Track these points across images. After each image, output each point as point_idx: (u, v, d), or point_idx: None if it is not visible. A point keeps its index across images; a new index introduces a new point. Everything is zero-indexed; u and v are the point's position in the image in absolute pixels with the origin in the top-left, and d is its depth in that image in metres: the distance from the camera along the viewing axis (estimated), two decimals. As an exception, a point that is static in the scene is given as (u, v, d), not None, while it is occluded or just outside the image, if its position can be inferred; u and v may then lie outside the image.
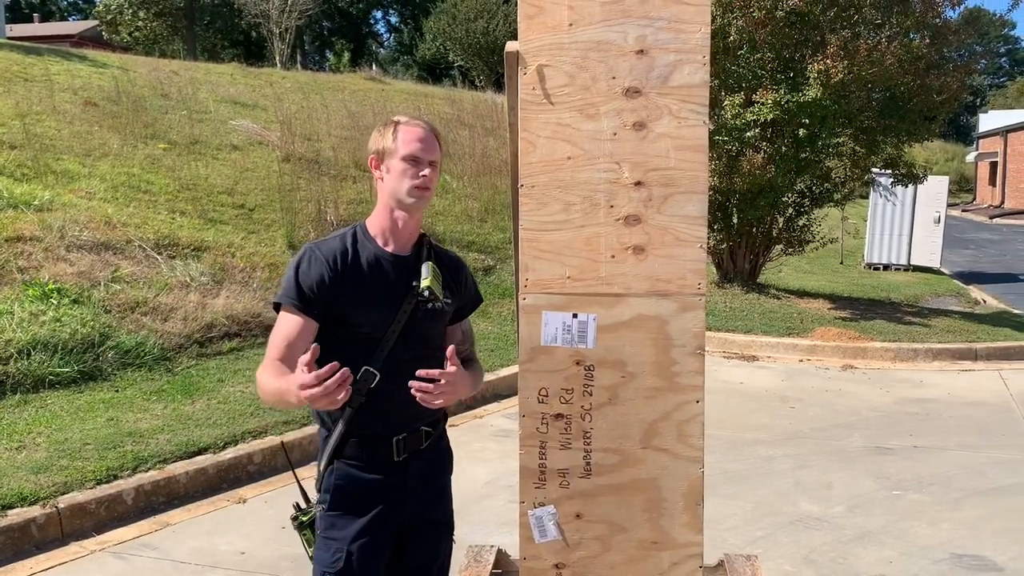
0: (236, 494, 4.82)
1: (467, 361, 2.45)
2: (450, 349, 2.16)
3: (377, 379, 2.16)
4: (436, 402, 2.10)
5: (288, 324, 2.15)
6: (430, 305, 2.27)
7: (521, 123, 2.60)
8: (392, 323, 2.20)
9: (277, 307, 2.21)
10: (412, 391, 2.05)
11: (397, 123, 2.27)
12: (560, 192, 2.59)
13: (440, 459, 2.44)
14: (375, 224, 2.28)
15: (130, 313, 6.77)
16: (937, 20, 10.00)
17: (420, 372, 2.06)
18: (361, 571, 2.21)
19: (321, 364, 2.01)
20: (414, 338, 2.24)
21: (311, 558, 2.29)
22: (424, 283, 2.24)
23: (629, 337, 2.58)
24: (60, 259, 7.14)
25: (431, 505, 2.38)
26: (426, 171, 2.23)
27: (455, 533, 2.64)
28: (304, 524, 2.30)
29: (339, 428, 2.18)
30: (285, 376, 2.04)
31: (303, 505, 2.35)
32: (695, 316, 2.56)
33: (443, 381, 2.08)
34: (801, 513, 4.68)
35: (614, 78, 2.53)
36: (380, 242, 2.26)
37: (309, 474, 2.46)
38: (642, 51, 2.51)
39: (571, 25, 2.53)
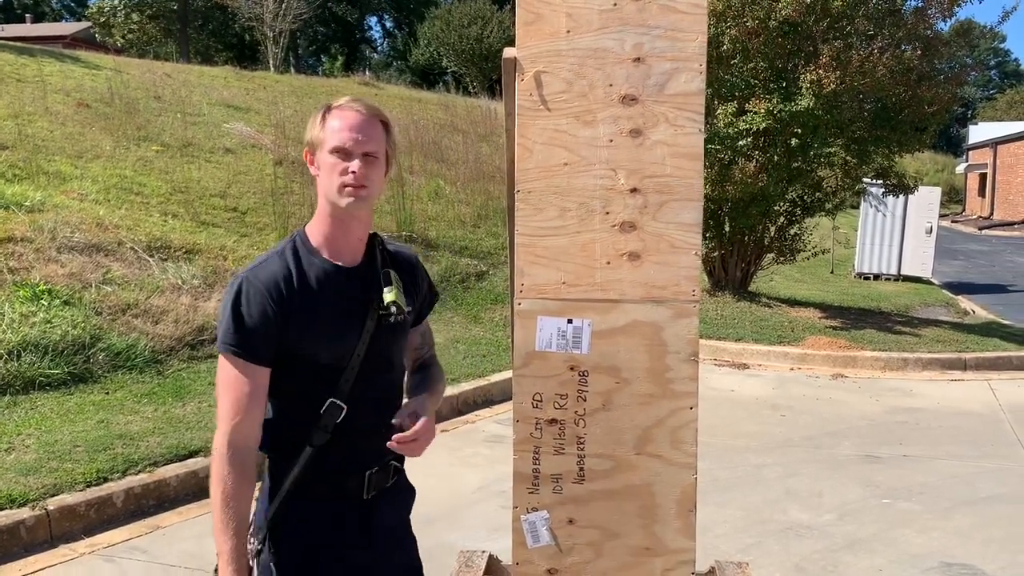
0: (226, 498, 4.80)
1: (426, 365, 2.27)
2: (402, 418, 1.92)
3: (344, 412, 1.87)
4: (420, 451, 1.91)
5: (234, 378, 1.80)
6: (392, 319, 1.96)
7: (518, 129, 2.61)
8: (356, 348, 1.89)
9: (219, 350, 1.85)
10: (394, 446, 1.86)
11: (329, 107, 1.89)
12: (556, 198, 2.60)
13: (404, 497, 2.16)
14: (316, 233, 1.91)
15: (121, 315, 6.75)
16: (928, 32, 10.09)
17: (393, 440, 1.86)
18: None
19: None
20: (379, 359, 1.94)
21: None
22: (388, 298, 1.93)
23: (624, 343, 2.59)
24: (51, 260, 7.11)
25: (399, 547, 2.11)
26: (355, 165, 1.82)
27: (448, 538, 2.63)
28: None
29: (297, 469, 1.86)
30: (231, 529, 1.78)
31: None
32: (689, 323, 2.57)
33: (418, 434, 1.89)
34: (791, 521, 4.69)
35: (611, 85, 2.55)
36: (326, 254, 1.90)
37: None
38: (639, 59, 2.53)
39: (569, 32, 2.54)
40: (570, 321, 2.60)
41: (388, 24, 59.91)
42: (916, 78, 9.79)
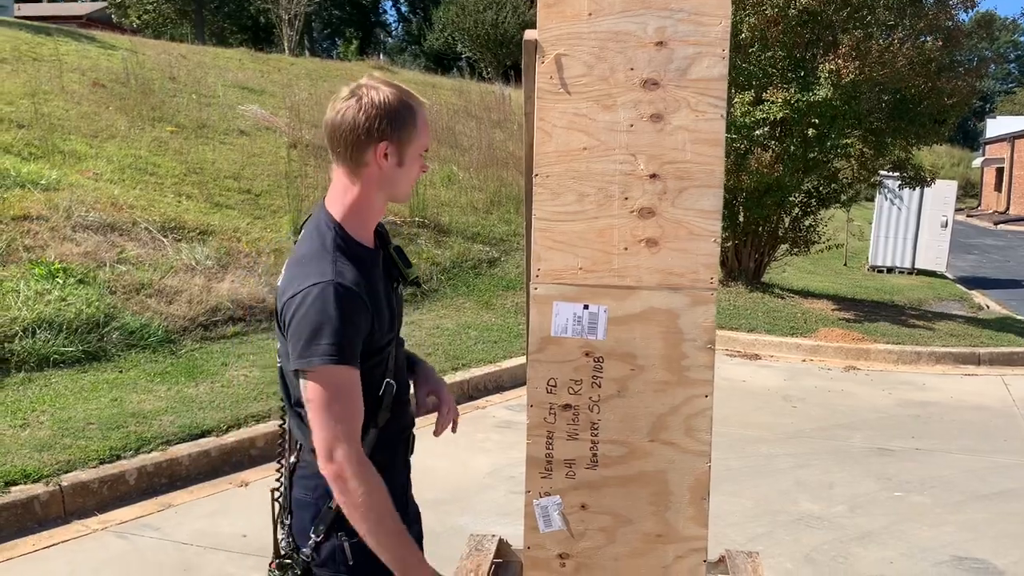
0: (239, 477, 4.83)
1: None
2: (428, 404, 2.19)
3: (395, 387, 1.94)
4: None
5: (348, 387, 1.74)
6: (399, 290, 2.03)
7: (537, 112, 2.59)
8: (393, 323, 1.94)
9: (318, 365, 1.72)
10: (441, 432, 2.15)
11: (416, 105, 1.87)
12: (575, 183, 2.58)
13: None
14: (355, 222, 1.87)
15: (135, 295, 6.78)
16: (950, 22, 9.97)
17: (440, 432, 2.16)
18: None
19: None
20: (399, 329, 2.03)
21: None
22: (412, 273, 2.04)
23: (640, 330, 2.58)
24: (66, 239, 7.14)
25: (411, 499, 2.19)
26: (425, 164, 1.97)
27: (458, 522, 2.66)
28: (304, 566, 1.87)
29: (366, 446, 1.83)
30: (407, 537, 1.78)
31: (278, 557, 1.94)
32: (706, 310, 2.55)
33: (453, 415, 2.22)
34: (802, 512, 4.68)
35: (632, 69, 2.52)
36: (363, 242, 1.89)
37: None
38: (661, 43, 2.50)
39: (591, 15, 2.52)
40: (586, 307, 2.59)
41: (403, 8, 59.74)
42: (936, 69, 9.68)
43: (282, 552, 1.91)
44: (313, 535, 1.83)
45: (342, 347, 1.71)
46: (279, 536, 1.93)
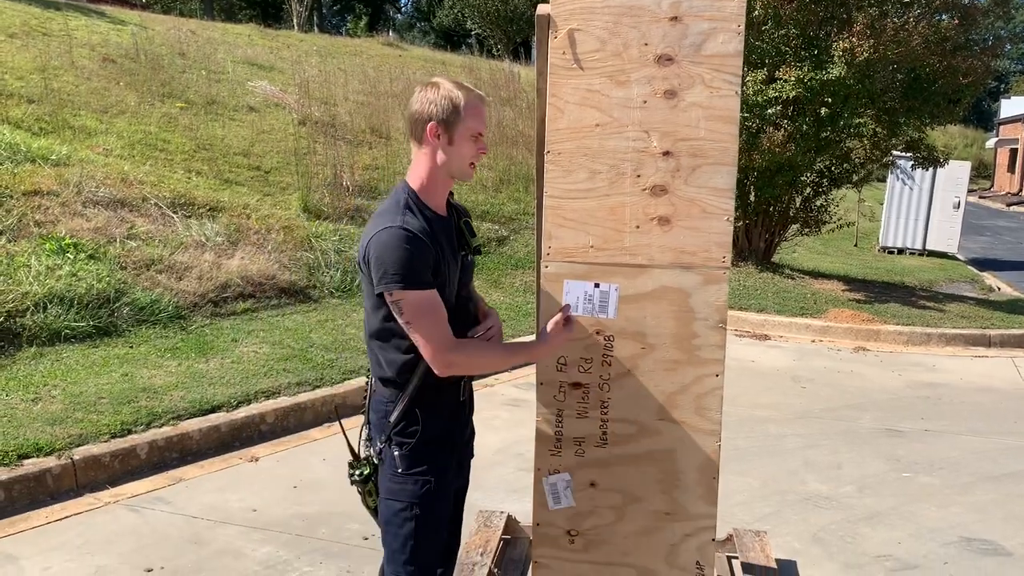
0: (248, 452, 4.86)
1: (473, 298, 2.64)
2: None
3: None
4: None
5: (428, 304, 2.21)
6: (469, 258, 2.45)
7: (550, 88, 2.57)
8: (455, 281, 2.35)
9: (395, 289, 2.20)
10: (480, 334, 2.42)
11: (463, 95, 2.28)
12: (586, 160, 2.57)
13: (472, 402, 2.61)
14: (426, 190, 2.32)
15: (145, 270, 6.79)
16: (966, 1, 9.84)
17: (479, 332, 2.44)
18: (443, 497, 2.40)
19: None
20: (464, 292, 2.43)
21: (371, 508, 2.47)
22: (477, 242, 2.47)
23: (651, 309, 2.57)
24: (77, 214, 7.15)
25: (471, 434, 2.64)
26: (483, 148, 2.34)
27: (468, 499, 2.74)
28: (364, 477, 2.42)
29: (416, 380, 2.30)
30: (512, 344, 2.56)
31: (354, 460, 2.47)
32: (718, 289, 2.54)
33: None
34: (810, 492, 4.68)
35: (646, 44, 2.50)
36: (432, 207, 2.33)
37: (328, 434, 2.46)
38: (676, 18, 2.48)
39: (604, -11, 2.48)
40: (597, 285, 2.57)
41: (413, -16, 59.23)
42: (951, 48, 9.57)
43: (360, 455, 2.46)
44: (379, 442, 2.37)
45: (410, 275, 2.17)
46: (361, 442, 2.48)
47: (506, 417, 5.68)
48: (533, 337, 2.49)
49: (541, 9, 2.54)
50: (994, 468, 5.15)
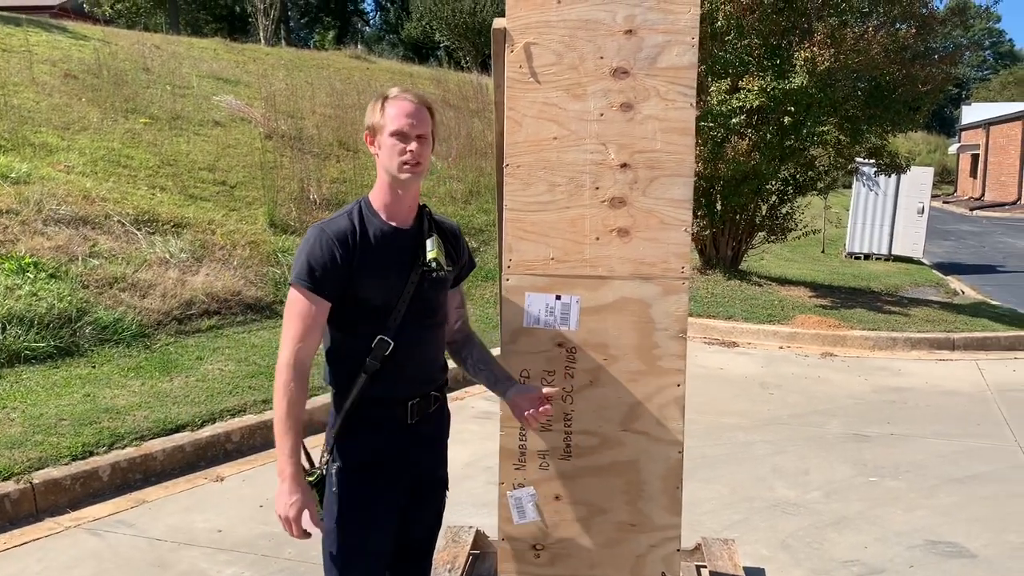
0: (214, 472, 4.79)
1: (468, 335, 2.58)
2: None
3: (391, 347, 2.23)
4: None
5: (303, 307, 2.19)
6: (435, 275, 2.32)
7: (507, 102, 2.58)
8: (402, 294, 2.25)
9: (292, 281, 2.25)
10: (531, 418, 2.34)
11: (386, 97, 2.25)
12: (545, 172, 2.57)
13: (442, 421, 2.50)
14: (377, 199, 2.30)
15: (108, 289, 6.70)
16: (924, 10, 10.02)
17: (537, 413, 2.34)
18: (376, 525, 2.30)
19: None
20: (422, 307, 2.29)
21: (320, 517, 2.35)
22: (430, 255, 2.29)
23: (612, 320, 2.58)
24: (37, 233, 7.04)
25: (435, 464, 2.48)
26: (413, 146, 2.20)
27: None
28: (312, 484, 2.30)
29: (355, 393, 2.24)
30: (293, 429, 2.16)
31: (308, 467, 2.37)
32: (678, 300, 2.56)
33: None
34: (778, 498, 4.71)
35: (602, 58, 2.51)
36: (384, 216, 2.28)
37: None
38: (631, 31, 2.49)
39: (559, 2, 2.50)
40: (558, 297, 2.58)
41: (380, -4, 59.23)
42: (910, 57, 9.74)
43: (314, 462, 2.36)
44: (326, 453, 2.31)
45: (303, 273, 2.18)
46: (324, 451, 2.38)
47: (476, 430, 5.66)
48: (287, 450, 2.17)
49: (497, 23, 2.55)
50: (958, 471, 5.21)
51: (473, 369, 2.51)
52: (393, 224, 2.28)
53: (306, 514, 2.14)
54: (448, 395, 2.58)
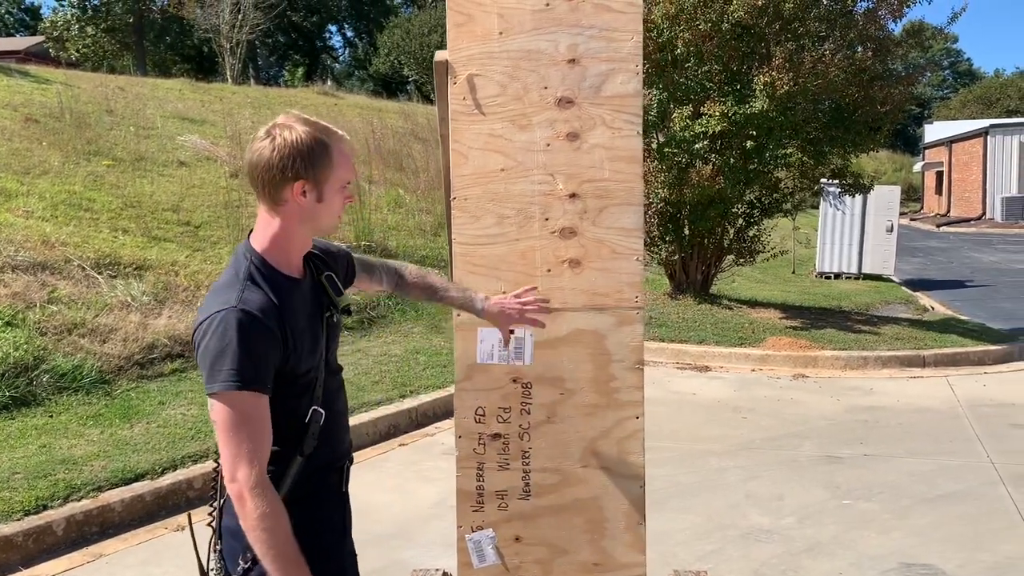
0: (175, 521, 4.64)
1: (401, 273, 2.39)
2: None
3: (324, 416, 1.95)
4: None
5: (251, 413, 1.77)
6: (334, 320, 2.04)
7: (452, 134, 2.54)
8: (322, 349, 1.98)
9: (216, 388, 1.76)
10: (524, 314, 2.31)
11: (330, 140, 1.88)
12: (494, 205, 2.53)
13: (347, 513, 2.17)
14: (278, 254, 1.91)
15: (67, 335, 6.55)
16: (880, 32, 10.18)
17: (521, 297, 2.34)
18: None
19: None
20: (331, 361, 2.04)
21: None
22: (344, 301, 2.06)
23: (567, 353, 2.52)
24: (-7, 280, 6.88)
25: (350, 537, 2.15)
26: (350, 194, 1.98)
27: (403, 556, 2.55)
28: None
29: (291, 480, 1.90)
30: (302, 560, 1.75)
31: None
32: (632, 330, 2.51)
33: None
34: (752, 526, 4.64)
35: (546, 88, 2.48)
36: (285, 272, 1.92)
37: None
38: (574, 60, 2.46)
39: (501, 34, 2.47)
40: (511, 332, 2.52)
41: (349, 33, 59.56)
42: (869, 78, 9.87)
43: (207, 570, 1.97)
44: (242, 561, 1.87)
45: (243, 372, 1.75)
46: (211, 561, 1.97)
47: (444, 467, 5.55)
48: None
49: (439, 55, 2.51)
50: (931, 490, 5.18)
51: (447, 299, 2.43)
52: (295, 277, 1.94)
53: None
54: (416, 430, 2.48)
